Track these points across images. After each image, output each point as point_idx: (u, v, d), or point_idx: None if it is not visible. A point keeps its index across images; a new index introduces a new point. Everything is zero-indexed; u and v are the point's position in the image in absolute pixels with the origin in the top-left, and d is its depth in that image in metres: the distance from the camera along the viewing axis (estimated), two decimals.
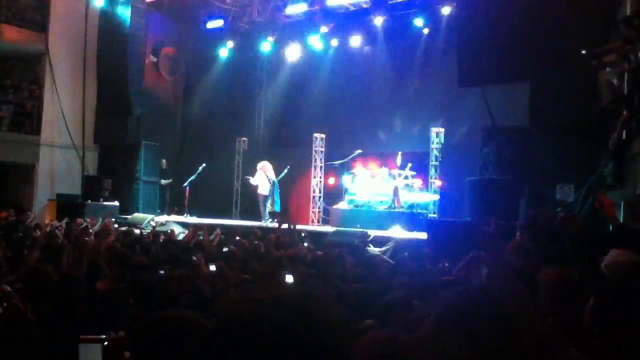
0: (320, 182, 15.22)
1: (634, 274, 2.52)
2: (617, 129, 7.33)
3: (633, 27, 7.09)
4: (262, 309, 1.00)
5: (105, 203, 14.48)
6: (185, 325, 1.59)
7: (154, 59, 16.56)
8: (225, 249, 7.01)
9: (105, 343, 1.98)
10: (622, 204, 7.46)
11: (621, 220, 6.94)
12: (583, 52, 7.54)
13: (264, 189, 14.24)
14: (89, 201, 14.25)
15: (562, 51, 9.18)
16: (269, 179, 14.22)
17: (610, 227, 4.06)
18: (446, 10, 13.62)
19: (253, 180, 14.31)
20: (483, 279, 3.40)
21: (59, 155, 15.84)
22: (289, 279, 4.50)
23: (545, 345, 1.28)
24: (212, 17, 16.75)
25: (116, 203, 14.61)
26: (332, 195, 15.23)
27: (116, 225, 11.28)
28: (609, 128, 8.42)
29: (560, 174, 9.76)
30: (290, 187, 14.95)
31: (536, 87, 10.02)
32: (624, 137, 7.73)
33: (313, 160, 15.13)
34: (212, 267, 4.98)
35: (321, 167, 15.24)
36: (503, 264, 2.90)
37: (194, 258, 5.39)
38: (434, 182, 13.48)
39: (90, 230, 9.92)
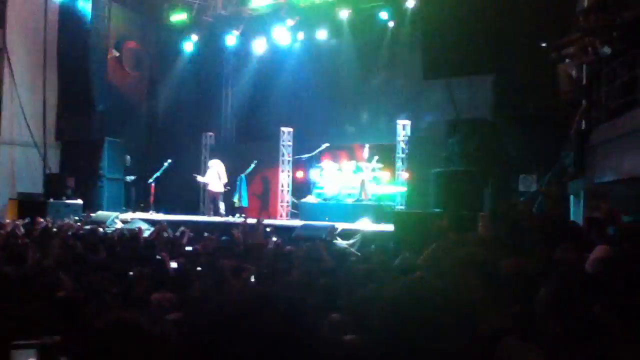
0: (288, 176, 15.18)
1: (609, 267, 2.58)
2: (576, 119, 7.48)
3: (591, 19, 7.24)
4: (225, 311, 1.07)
5: (68, 201, 14.18)
6: (125, 330, 1.54)
7: (117, 54, 16.24)
8: (189, 248, 6.93)
9: (39, 348, 1.91)
10: (583, 193, 7.63)
11: (581, 211, 7.11)
12: (543, 44, 7.67)
13: (214, 186, 14.20)
14: (52, 199, 13.93)
15: (524, 44, 9.32)
16: (220, 177, 14.21)
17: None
18: (410, 4, 13.69)
19: (202, 179, 14.40)
20: None
21: (20, 153, 15.41)
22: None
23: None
24: (175, 10, 16.50)
25: (79, 201, 14.32)
26: (301, 189, 15.22)
27: (78, 224, 11.05)
28: (570, 119, 8.61)
29: (523, 165, 9.94)
30: (257, 182, 14.86)
31: (499, 79, 10.16)
32: (583, 127, 7.90)
33: (280, 154, 15.07)
34: (173, 264, 4.92)
35: (289, 161, 15.19)
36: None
37: (158, 257, 5.31)
38: (401, 174, 13.58)
39: (55, 230, 9.72)
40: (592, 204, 7.11)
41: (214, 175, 14.19)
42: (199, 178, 14.37)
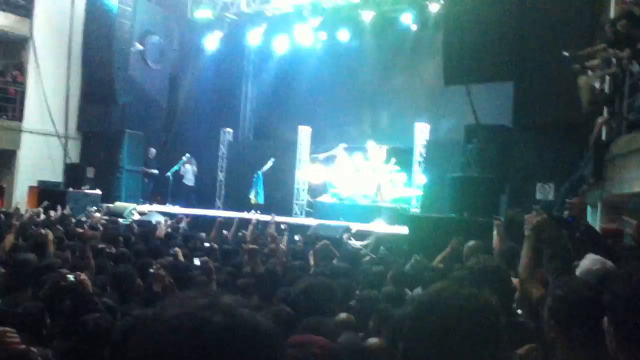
0: (305, 175, 15.24)
1: (604, 283, 2.56)
2: (594, 130, 7.45)
3: (616, 30, 7.20)
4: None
5: (88, 191, 14.38)
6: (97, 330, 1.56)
7: (140, 47, 16.42)
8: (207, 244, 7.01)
9: None
10: (600, 204, 7.59)
11: (598, 222, 7.07)
12: (565, 53, 7.64)
13: (188, 179, 15.55)
14: (71, 189, 14.15)
15: (547, 52, 9.27)
16: (194, 172, 15.64)
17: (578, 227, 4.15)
18: (434, 8, 13.67)
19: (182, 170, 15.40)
20: None
21: (42, 142, 15.67)
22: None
23: None
24: (200, 6, 16.63)
25: (98, 191, 14.52)
26: (316, 188, 15.28)
27: (98, 215, 11.22)
28: (590, 129, 8.55)
29: (541, 173, 9.89)
30: (274, 180, 14.93)
31: (520, 87, 10.12)
32: (603, 138, 7.86)
33: (298, 153, 15.14)
34: (197, 262, 4.99)
35: (306, 160, 15.25)
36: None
37: (172, 251, 5.39)
38: (417, 178, 13.57)
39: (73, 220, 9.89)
40: (609, 216, 7.08)
41: (189, 170, 15.53)
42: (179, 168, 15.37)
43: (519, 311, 2.66)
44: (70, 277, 3.12)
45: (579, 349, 1.86)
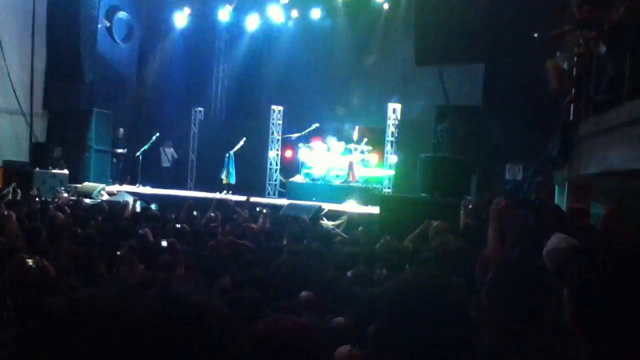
0: (277, 155, 15.18)
1: (570, 259, 2.59)
2: (563, 111, 7.55)
3: (584, 11, 7.25)
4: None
5: (55, 171, 14.06)
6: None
7: (107, 24, 15.99)
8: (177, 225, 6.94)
9: None
10: (567, 184, 7.72)
11: (565, 202, 7.20)
12: (535, 35, 7.68)
13: (164, 161, 15.83)
14: (38, 169, 13.82)
15: (517, 34, 9.32)
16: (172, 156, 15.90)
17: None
18: None
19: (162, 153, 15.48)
20: None
21: (6, 121, 15.22)
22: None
23: None
24: None
25: (66, 171, 14.22)
26: (289, 168, 15.23)
27: (66, 195, 11.00)
28: (558, 111, 8.67)
29: (510, 154, 10.02)
30: (246, 160, 14.82)
31: (490, 67, 10.18)
32: (570, 119, 7.97)
33: (270, 132, 15.04)
34: (164, 243, 4.93)
35: (278, 139, 15.17)
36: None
37: (140, 231, 5.31)
38: (390, 158, 13.63)
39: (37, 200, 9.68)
40: (576, 196, 7.21)
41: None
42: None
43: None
44: (30, 262, 3.05)
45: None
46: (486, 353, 1.71)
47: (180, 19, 16.73)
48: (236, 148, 14.42)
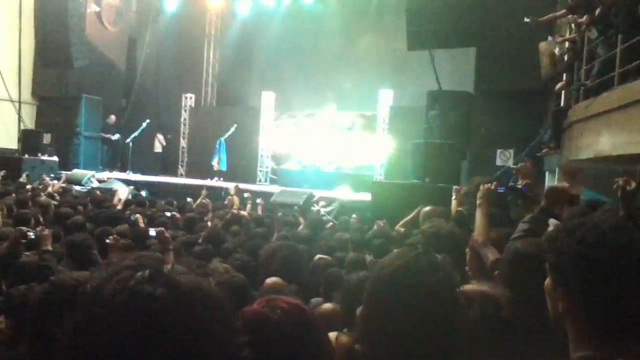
0: (269, 141, 15.12)
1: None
2: (554, 97, 7.56)
3: None
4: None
5: (44, 158, 13.95)
6: None
7: (97, 9, 15.79)
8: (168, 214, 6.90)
9: None
10: (558, 169, 7.76)
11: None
12: (527, 19, 7.66)
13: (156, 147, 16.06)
14: (27, 156, 13.70)
15: (509, 19, 9.30)
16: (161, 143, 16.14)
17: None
18: None
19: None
20: None
21: None
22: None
23: None
24: None
25: (55, 158, 14.10)
26: (280, 155, 15.19)
27: (56, 182, 10.92)
28: (550, 96, 8.68)
29: (502, 139, 10.03)
30: (237, 146, 14.76)
31: (482, 53, 10.16)
32: (561, 104, 7.99)
33: (261, 119, 14.97)
34: (152, 232, 4.90)
35: (270, 126, 15.10)
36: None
37: (132, 217, 5.29)
38: (382, 144, 13.61)
39: (28, 187, 9.59)
40: (567, 181, 7.24)
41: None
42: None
43: (470, 273, 2.72)
44: (31, 234, 3.06)
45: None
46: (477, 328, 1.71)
47: (171, 3, 16.56)
48: (227, 134, 14.35)
